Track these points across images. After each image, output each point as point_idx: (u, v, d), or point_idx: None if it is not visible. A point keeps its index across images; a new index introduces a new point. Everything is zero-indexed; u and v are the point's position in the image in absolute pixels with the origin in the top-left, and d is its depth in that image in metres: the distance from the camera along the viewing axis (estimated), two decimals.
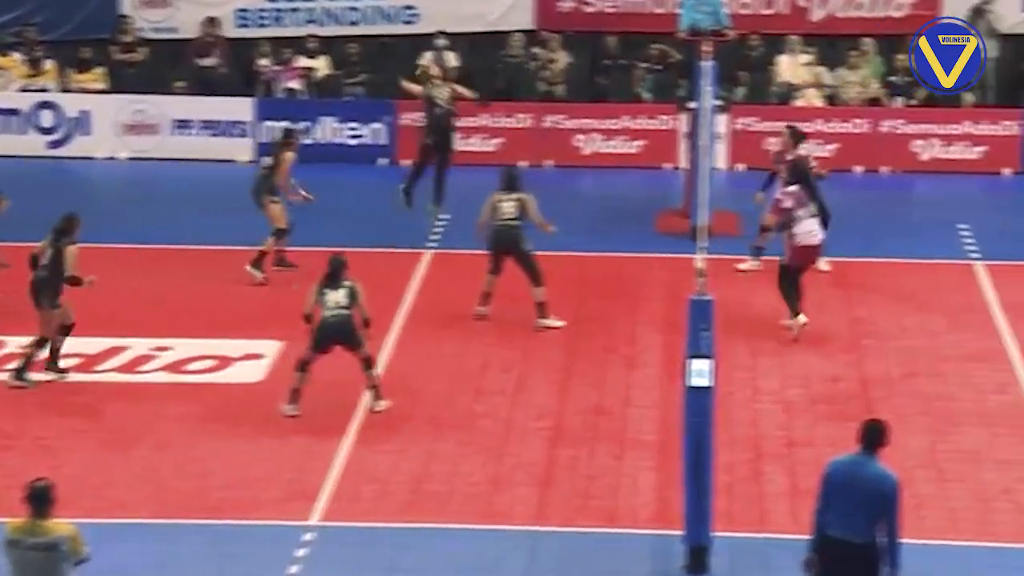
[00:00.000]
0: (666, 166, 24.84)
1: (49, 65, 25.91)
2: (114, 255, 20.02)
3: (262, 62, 26.03)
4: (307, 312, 16.10)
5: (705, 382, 13.07)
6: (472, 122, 24.85)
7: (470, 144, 24.88)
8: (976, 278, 20.00)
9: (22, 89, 25.77)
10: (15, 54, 25.99)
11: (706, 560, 13.27)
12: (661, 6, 26.17)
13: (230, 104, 25.50)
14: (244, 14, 26.73)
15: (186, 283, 19.67)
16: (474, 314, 18.44)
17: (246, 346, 17.81)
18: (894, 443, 15.39)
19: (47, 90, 25.78)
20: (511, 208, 18.35)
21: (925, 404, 16.51)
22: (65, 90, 25.90)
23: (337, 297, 15.98)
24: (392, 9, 26.78)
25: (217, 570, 13.38)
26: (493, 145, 25.18)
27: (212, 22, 26.23)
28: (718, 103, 22.79)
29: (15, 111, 25.60)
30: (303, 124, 24.58)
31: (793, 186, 18.16)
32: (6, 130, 25.58)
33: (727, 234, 21.23)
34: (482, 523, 14.16)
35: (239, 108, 25.43)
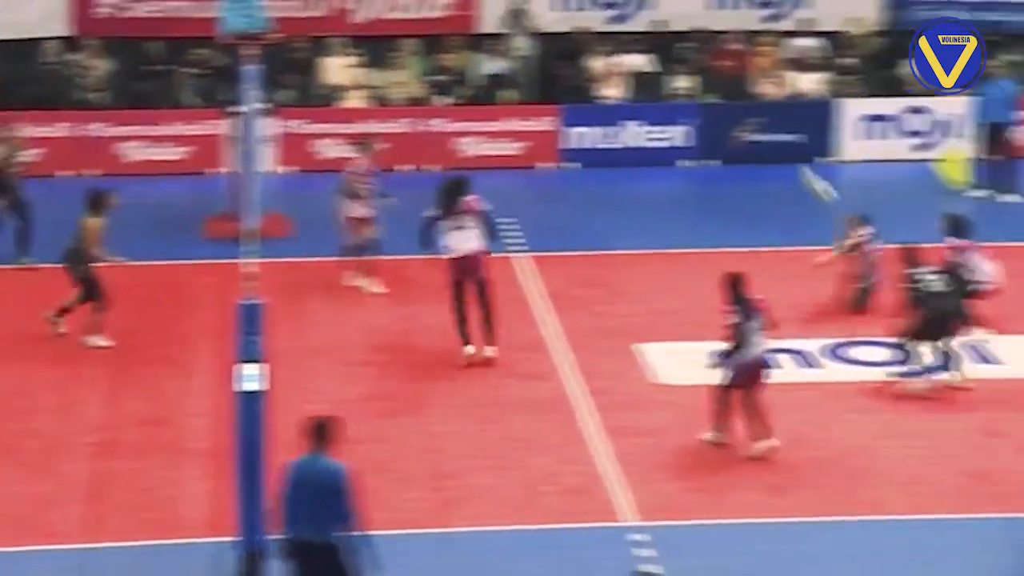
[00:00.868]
0: (213, 171, 24.66)
1: None
2: None
3: None
4: None
5: (256, 387, 13.03)
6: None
7: None
8: (521, 269, 20.53)
9: None
10: None
11: (261, 565, 13.21)
12: (202, 11, 25.94)
13: None
14: None
15: None
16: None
17: None
18: (451, 432, 15.94)
19: None
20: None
21: (475, 395, 16.89)
22: None
23: None
24: None
25: None
26: (34, 156, 24.43)
27: None
28: (263, 107, 22.76)
29: None
30: None
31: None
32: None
33: (277, 237, 21.33)
34: (30, 544, 13.77)
35: None
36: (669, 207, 23.63)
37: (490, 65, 26.50)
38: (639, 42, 26.91)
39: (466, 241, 17.48)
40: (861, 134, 25.91)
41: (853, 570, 13.66)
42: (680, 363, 17.62)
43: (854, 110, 25.93)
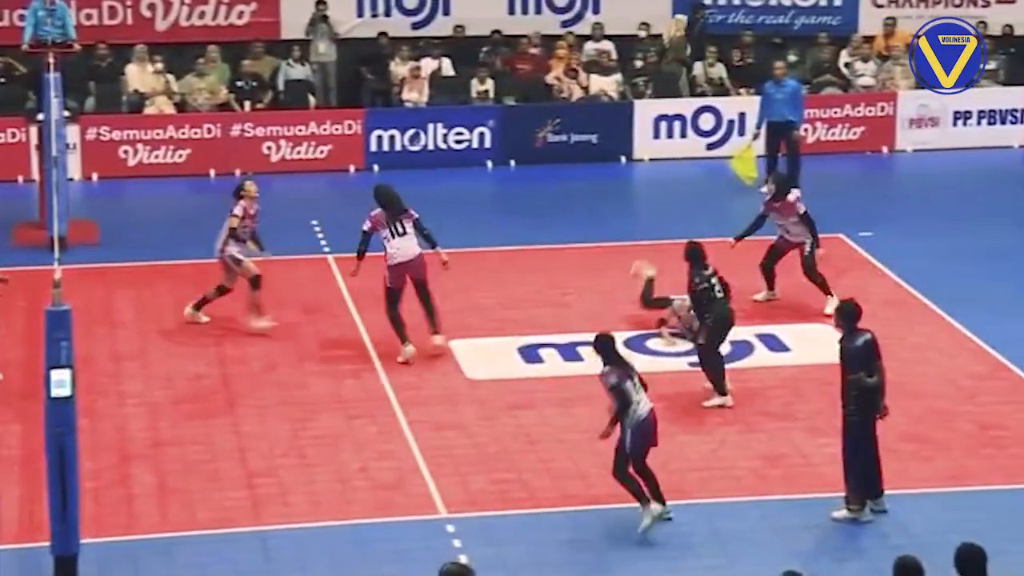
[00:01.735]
0: (18, 179, 24.56)
1: None
2: None
3: None
4: None
5: (66, 392, 13.12)
6: None
7: None
8: (330, 270, 20.83)
9: None
10: None
11: (74, 569, 13.33)
12: (2, 19, 25.83)
13: None
14: None
15: None
16: None
17: None
18: (258, 435, 16.15)
19: None
20: None
21: (286, 394, 17.11)
22: None
23: None
24: None
25: None
26: None
27: None
28: (67, 114, 22.76)
29: None
30: None
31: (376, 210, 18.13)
32: None
33: (86, 243, 21.43)
34: None
35: None
36: (472, 207, 24.02)
37: (293, 71, 26.75)
38: (440, 46, 27.37)
39: (410, 246, 17.87)
40: (655, 134, 26.60)
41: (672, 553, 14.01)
42: (487, 359, 18.05)
43: (648, 110, 26.63)
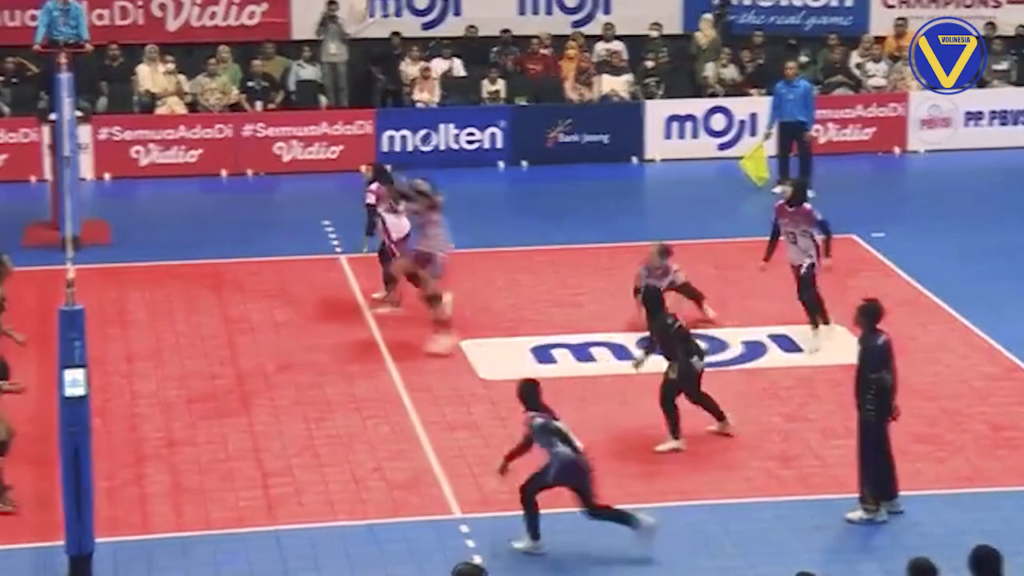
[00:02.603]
0: (31, 179, 24.62)
1: None
2: None
3: None
4: None
5: (80, 391, 13.17)
6: None
7: None
8: (342, 270, 20.86)
9: None
10: None
11: (89, 568, 13.37)
12: (14, 20, 25.90)
13: None
14: None
15: None
16: None
17: None
18: (272, 435, 16.18)
19: None
20: None
21: (300, 394, 17.12)
22: None
23: None
24: None
25: None
26: None
27: None
28: (79, 114, 22.81)
29: None
30: None
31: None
32: None
33: (98, 243, 21.46)
34: None
35: None
36: (485, 207, 24.04)
37: (304, 71, 26.78)
38: (451, 47, 27.39)
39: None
40: (667, 134, 26.62)
41: (674, 551, 14.02)
42: (500, 359, 18.06)
43: (659, 111, 26.64)
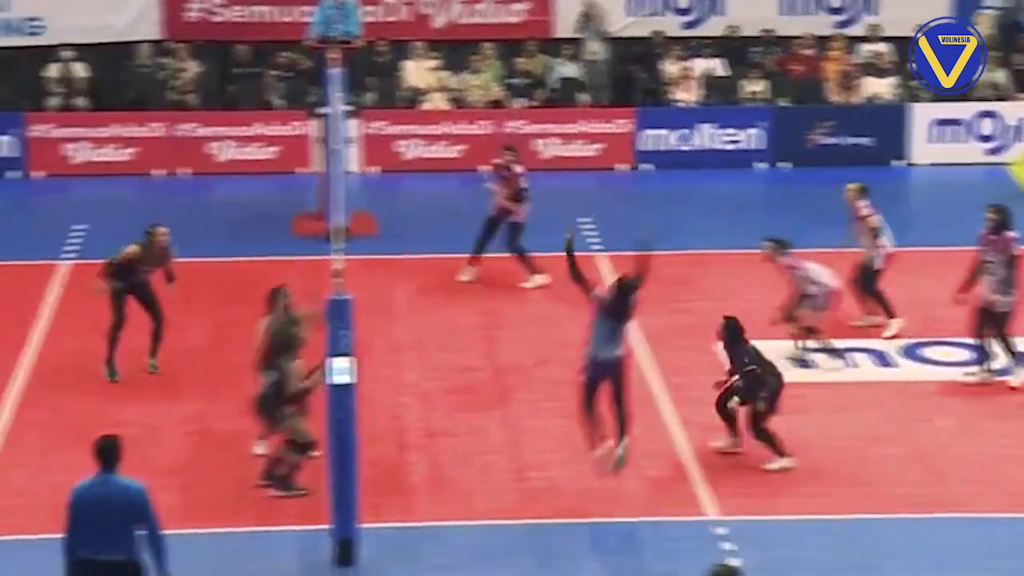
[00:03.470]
0: (300, 171, 25.27)
1: None
2: None
3: None
4: None
5: (347, 379, 13.50)
6: (105, 132, 25.00)
7: (103, 154, 25.01)
8: (596, 271, 20.98)
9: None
10: None
11: (353, 552, 13.72)
12: (288, 15, 26.60)
13: None
14: None
15: None
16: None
17: None
18: (529, 429, 16.40)
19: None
20: None
21: (556, 390, 17.23)
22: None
23: None
24: (15, 21, 26.51)
25: None
26: (127, 155, 25.24)
27: None
28: (348, 108, 23.33)
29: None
30: None
31: None
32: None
33: (364, 234, 21.95)
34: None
35: None
36: (743, 208, 23.98)
37: (565, 69, 26.99)
38: (712, 46, 27.36)
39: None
40: (933, 138, 26.25)
41: (930, 566, 13.87)
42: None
43: (926, 114, 26.29)
